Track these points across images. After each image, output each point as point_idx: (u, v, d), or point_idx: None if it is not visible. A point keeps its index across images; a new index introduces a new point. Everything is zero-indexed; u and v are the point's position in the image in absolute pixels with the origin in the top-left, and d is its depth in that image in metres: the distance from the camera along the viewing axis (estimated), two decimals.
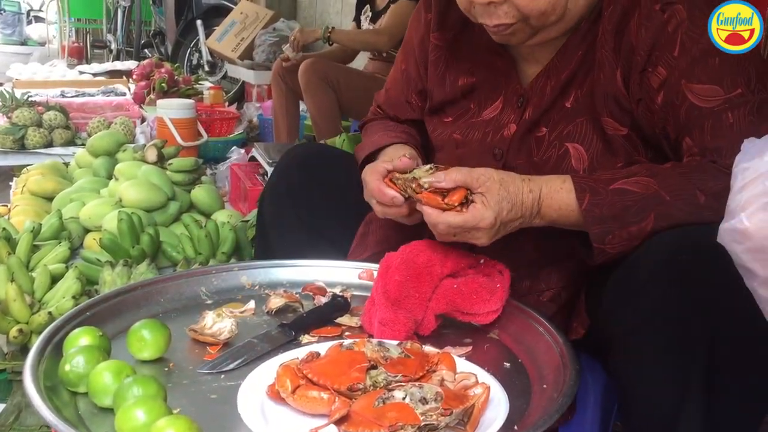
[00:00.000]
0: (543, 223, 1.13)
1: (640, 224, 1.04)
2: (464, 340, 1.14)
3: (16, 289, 1.77)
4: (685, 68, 1.10)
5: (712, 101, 1.09)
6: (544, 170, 1.20)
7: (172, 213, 2.38)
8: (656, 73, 1.12)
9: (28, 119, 3.51)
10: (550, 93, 1.23)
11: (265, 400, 0.94)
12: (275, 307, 1.22)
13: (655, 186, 1.06)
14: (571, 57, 1.21)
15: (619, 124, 1.18)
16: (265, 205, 1.54)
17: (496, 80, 1.30)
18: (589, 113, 1.20)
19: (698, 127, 1.10)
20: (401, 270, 1.13)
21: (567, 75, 1.21)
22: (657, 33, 1.11)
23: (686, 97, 1.10)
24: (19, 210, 2.45)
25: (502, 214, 1.08)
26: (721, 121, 1.09)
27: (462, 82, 1.34)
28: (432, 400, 0.87)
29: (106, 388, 0.92)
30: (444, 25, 1.35)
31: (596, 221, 1.06)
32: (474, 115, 1.32)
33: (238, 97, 5.92)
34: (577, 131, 1.21)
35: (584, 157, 1.20)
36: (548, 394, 0.98)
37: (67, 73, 5.83)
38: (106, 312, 1.15)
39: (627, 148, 1.18)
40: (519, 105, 1.26)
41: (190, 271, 1.34)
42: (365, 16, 3.85)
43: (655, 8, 1.12)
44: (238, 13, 5.74)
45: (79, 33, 10.76)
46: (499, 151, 1.27)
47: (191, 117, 3.44)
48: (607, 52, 1.17)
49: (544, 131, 1.24)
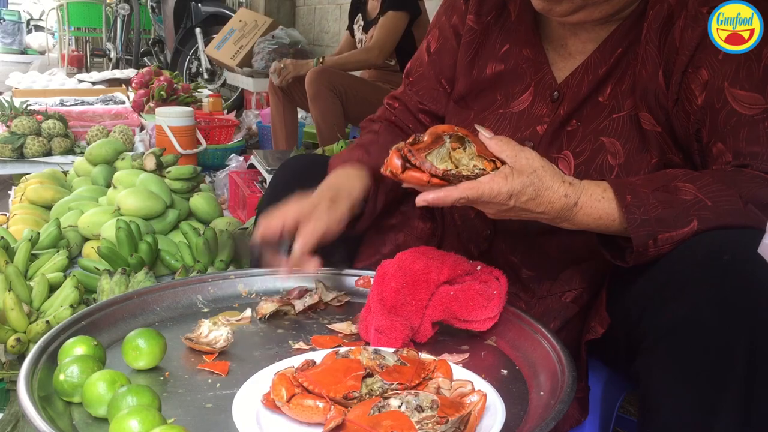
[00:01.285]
0: (572, 228, 1.09)
1: (684, 228, 1.02)
2: (461, 347, 1.14)
3: (13, 298, 1.76)
4: (729, 72, 1.10)
5: (753, 109, 1.09)
6: (575, 163, 1.20)
7: (171, 221, 2.38)
8: (698, 75, 1.12)
9: (27, 128, 3.52)
10: (586, 88, 1.22)
11: (261, 409, 0.94)
12: (266, 312, 1.21)
13: (694, 191, 1.04)
14: (611, 53, 1.21)
15: (655, 121, 1.17)
16: (263, 213, 1.54)
17: (525, 70, 1.29)
18: (626, 108, 1.19)
19: (733, 134, 1.09)
20: (397, 277, 1.13)
21: (605, 70, 1.21)
22: (702, 35, 1.11)
23: (728, 101, 1.10)
24: (18, 219, 2.45)
25: (520, 198, 1.03)
26: (758, 129, 1.08)
27: (491, 70, 1.33)
28: (428, 408, 0.86)
29: (101, 398, 0.91)
30: (481, 9, 1.35)
31: (639, 224, 1.03)
32: (501, 106, 1.31)
33: (237, 105, 5.94)
34: (613, 126, 1.20)
35: (620, 152, 1.19)
36: (545, 401, 0.97)
37: (66, 82, 5.85)
38: (102, 321, 1.15)
39: (662, 145, 1.17)
40: (553, 100, 1.26)
41: (186, 279, 1.34)
42: (357, 26, 3.87)
43: (702, 10, 1.12)
44: (236, 21, 5.75)
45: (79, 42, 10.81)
46: (530, 144, 1.25)
47: (190, 125, 3.44)
48: (652, 49, 1.16)
49: (575, 124, 1.23)
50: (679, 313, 0.97)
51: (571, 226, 1.09)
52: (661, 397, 0.99)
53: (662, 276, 1.02)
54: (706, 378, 0.94)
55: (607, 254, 1.11)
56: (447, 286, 1.15)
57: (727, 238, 0.99)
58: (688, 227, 1.02)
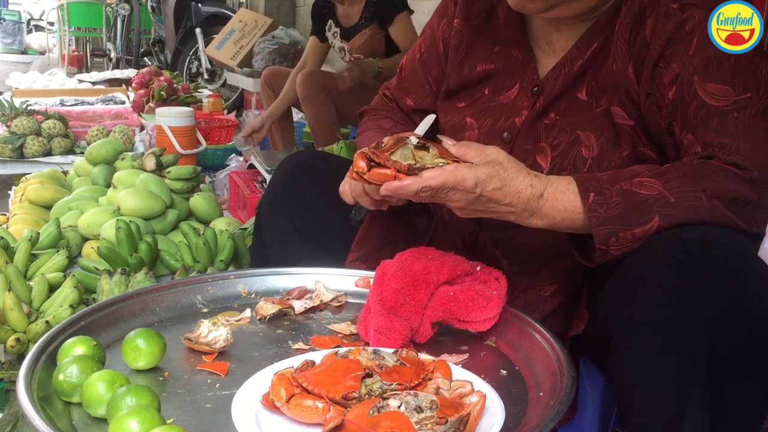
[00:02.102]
0: (543, 224, 1.11)
1: (645, 226, 1.03)
2: (460, 348, 1.14)
3: (13, 298, 1.76)
4: (698, 66, 1.12)
5: (722, 101, 1.10)
6: (552, 155, 1.23)
7: (171, 221, 2.38)
8: (669, 69, 1.14)
9: (27, 128, 3.52)
10: (562, 81, 1.26)
11: (260, 409, 0.94)
12: (267, 314, 1.21)
13: (659, 187, 1.05)
14: (586, 48, 1.24)
15: (627, 115, 1.19)
16: (262, 213, 1.54)
17: (514, 70, 1.33)
18: (603, 104, 1.21)
19: (704, 124, 1.11)
20: (397, 277, 1.13)
21: (580, 65, 1.24)
22: (674, 30, 1.13)
23: (697, 94, 1.11)
24: (18, 219, 2.45)
25: (486, 186, 1.04)
26: (727, 120, 1.09)
27: (480, 68, 1.37)
28: (427, 409, 0.86)
29: (100, 398, 0.91)
30: (469, 13, 1.39)
31: (601, 222, 1.05)
32: (488, 101, 1.35)
33: (238, 105, 5.94)
34: (589, 120, 1.22)
35: (594, 145, 1.21)
36: (544, 401, 0.97)
37: (66, 82, 5.85)
38: (102, 321, 1.15)
39: (634, 139, 1.19)
40: (533, 93, 1.29)
41: (186, 279, 1.34)
42: (332, 33, 3.76)
43: (673, 6, 1.14)
44: (237, 21, 5.75)
45: (79, 42, 10.81)
46: (508, 136, 1.29)
47: (190, 125, 3.44)
48: (622, 44, 1.19)
49: (553, 117, 1.26)
50: (639, 313, 0.98)
51: (539, 222, 1.10)
52: (631, 395, 1.01)
53: (624, 275, 1.04)
54: (670, 375, 0.95)
55: (577, 254, 1.12)
56: (446, 287, 1.15)
57: (684, 236, 1.00)
58: (649, 224, 1.03)
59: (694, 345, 0.94)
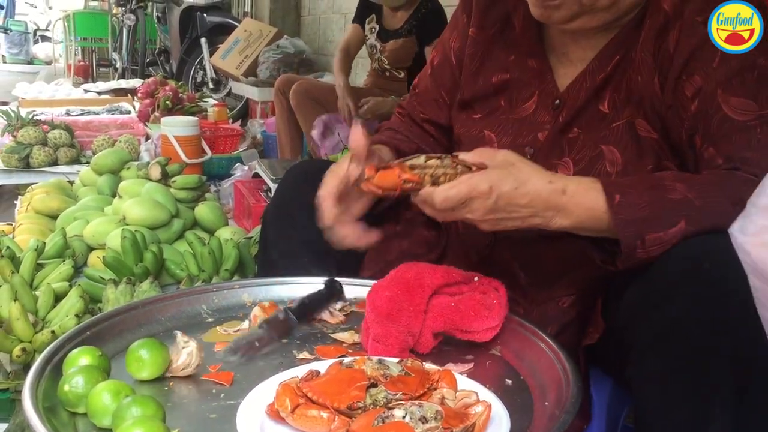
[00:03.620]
0: (568, 224, 1.07)
1: (671, 229, 1.01)
2: (465, 357, 1.13)
3: (19, 308, 1.77)
4: (722, 80, 1.11)
5: (746, 115, 1.09)
6: (575, 170, 1.22)
7: (176, 230, 2.39)
8: (691, 81, 1.13)
9: (33, 138, 3.53)
10: (584, 95, 1.24)
11: (265, 420, 0.93)
12: (262, 320, 1.21)
13: (684, 191, 1.04)
14: (608, 60, 1.23)
15: (651, 128, 1.18)
16: (267, 222, 1.54)
17: (530, 80, 1.32)
18: (624, 117, 1.20)
19: (726, 138, 1.10)
20: (391, 287, 1.13)
21: (603, 77, 1.23)
22: (698, 44, 1.13)
23: (720, 108, 1.10)
24: (24, 228, 2.46)
25: (501, 188, 1.02)
26: (750, 134, 1.08)
27: (496, 79, 1.35)
28: (432, 419, 0.86)
29: (105, 409, 0.91)
30: (484, 22, 1.38)
31: (627, 224, 1.02)
32: (505, 112, 1.33)
33: (242, 114, 5.96)
34: (613, 134, 1.21)
35: (618, 161, 1.20)
36: (550, 411, 0.97)
37: (72, 92, 5.88)
38: (107, 331, 1.15)
39: (658, 152, 1.18)
40: (554, 107, 1.28)
41: (191, 289, 1.34)
42: (370, 27, 3.84)
43: (697, 19, 1.14)
44: (241, 31, 5.78)
45: (85, 52, 10.86)
46: (531, 150, 1.27)
47: (195, 134, 3.46)
48: (647, 56, 1.18)
49: (577, 132, 1.24)
50: (662, 324, 0.97)
51: (565, 221, 1.06)
52: (651, 409, 0.99)
53: (647, 285, 1.02)
54: (692, 390, 0.94)
55: (598, 258, 1.11)
56: (447, 298, 1.15)
57: (707, 246, 0.98)
58: (676, 227, 1.01)
59: (719, 360, 0.92)
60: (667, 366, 0.96)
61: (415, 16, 3.61)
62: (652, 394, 0.99)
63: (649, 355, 0.99)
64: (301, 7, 6.94)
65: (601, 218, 1.05)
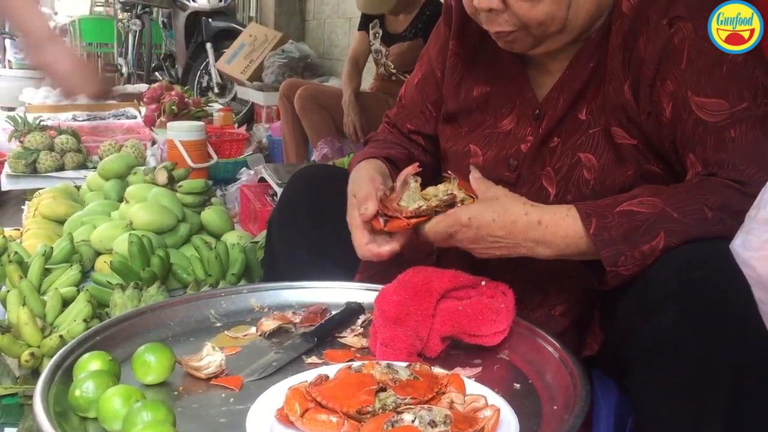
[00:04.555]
0: (551, 253, 1.11)
1: (651, 243, 1.03)
2: (474, 361, 1.14)
3: (27, 313, 1.78)
4: (691, 81, 1.11)
5: (717, 116, 1.09)
6: (556, 179, 1.23)
7: (183, 235, 2.39)
8: (664, 86, 1.13)
9: (40, 143, 3.54)
10: (563, 104, 1.25)
11: (275, 424, 0.94)
12: (268, 329, 1.21)
13: (661, 204, 1.05)
14: (582, 69, 1.23)
15: (628, 135, 1.19)
16: (273, 226, 1.55)
17: (510, 91, 1.33)
18: (600, 124, 1.21)
19: (701, 143, 1.10)
20: (398, 291, 1.14)
21: (579, 86, 1.23)
22: (664, 47, 1.13)
23: (693, 111, 1.11)
24: (31, 233, 2.47)
25: (480, 221, 1.10)
26: (724, 136, 1.09)
27: (477, 92, 1.36)
28: (441, 423, 0.86)
29: (116, 413, 0.92)
30: (463, 34, 1.38)
31: (606, 244, 1.05)
32: (491, 126, 1.34)
33: (248, 119, 5.97)
34: (589, 141, 1.22)
35: (595, 167, 1.21)
36: (559, 415, 0.97)
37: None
38: (116, 336, 1.15)
39: (638, 158, 1.18)
40: (535, 118, 1.28)
41: (199, 294, 1.35)
42: (374, 32, 3.85)
43: (662, 23, 1.14)
44: (247, 36, 5.79)
45: (91, 57, 10.88)
46: (515, 162, 1.29)
47: (201, 139, 3.46)
48: (616, 65, 1.18)
49: (557, 141, 1.26)
50: (656, 334, 0.98)
51: (546, 250, 1.11)
52: (649, 417, 1.00)
53: (639, 296, 1.03)
54: (689, 398, 0.94)
55: (595, 279, 1.12)
56: (455, 302, 1.15)
57: (697, 254, 0.99)
58: (655, 241, 1.03)
59: (714, 368, 0.93)
60: (660, 378, 0.97)
61: (420, 18, 3.63)
62: (648, 404, 1.00)
63: (641, 367, 1.00)
64: (305, 12, 6.96)
65: (580, 244, 1.08)
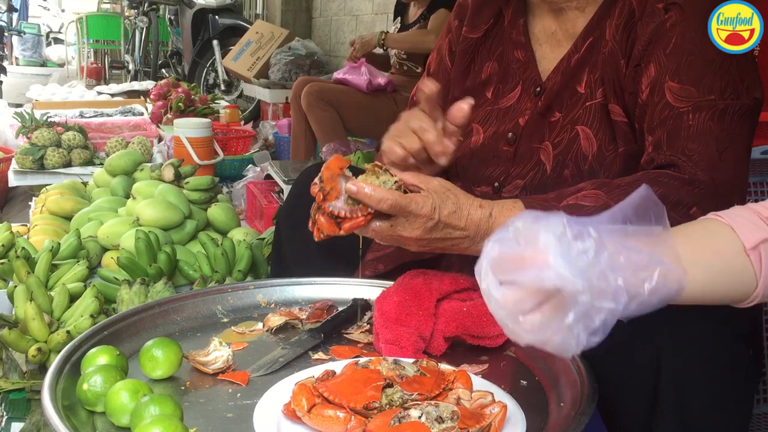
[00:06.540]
0: None
1: None
2: (480, 358, 1.13)
3: (35, 308, 1.78)
4: (671, 67, 1.13)
5: (684, 102, 1.11)
6: (554, 153, 1.25)
7: (189, 231, 2.40)
8: (647, 69, 1.15)
9: (47, 139, 3.56)
10: (561, 77, 1.27)
11: (282, 419, 0.94)
12: (274, 325, 1.21)
13: (604, 197, 1.07)
14: (582, 43, 1.26)
15: (623, 112, 1.21)
16: (281, 224, 1.55)
17: (515, 71, 1.35)
18: (598, 97, 1.23)
19: (662, 126, 1.12)
20: (399, 293, 1.14)
21: (577, 59, 1.25)
22: (655, 30, 1.15)
23: (664, 95, 1.13)
24: (39, 229, 2.48)
25: (442, 211, 1.05)
26: (682, 122, 1.11)
27: (485, 74, 1.39)
28: (448, 419, 0.86)
29: (124, 407, 0.92)
30: (477, 21, 1.41)
31: None
32: (490, 104, 1.37)
33: (254, 116, 5.97)
34: (587, 115, 1.24)
35: (593, 141, 1.22)
36: (566, 412, 0.97)
37: (85, 94, 5.91)
38: (124, 331, 1.16)
39: (628, 136, 1.20)
40: (535, 93, 1.30)
41: (207, 289, 1.35)
42: (394, 29, 4.00)
43: (658, 6, 1.16)
44: (253, 33, 5.80)
45: (98, 54, 10.94)
46: (513, 136, 1.31)
47: (208, 136, 3.47)
48: (614, 45, 1.21)
49: (558, 116, 1.27)
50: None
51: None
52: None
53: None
54: (639, 393, 1.01)
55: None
56: (459, 302, 1.15)
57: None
58: None
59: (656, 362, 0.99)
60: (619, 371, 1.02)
61: (430, 9, 3.72)
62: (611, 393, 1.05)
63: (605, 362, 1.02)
64: (312, 9, 6.96)
65: None
